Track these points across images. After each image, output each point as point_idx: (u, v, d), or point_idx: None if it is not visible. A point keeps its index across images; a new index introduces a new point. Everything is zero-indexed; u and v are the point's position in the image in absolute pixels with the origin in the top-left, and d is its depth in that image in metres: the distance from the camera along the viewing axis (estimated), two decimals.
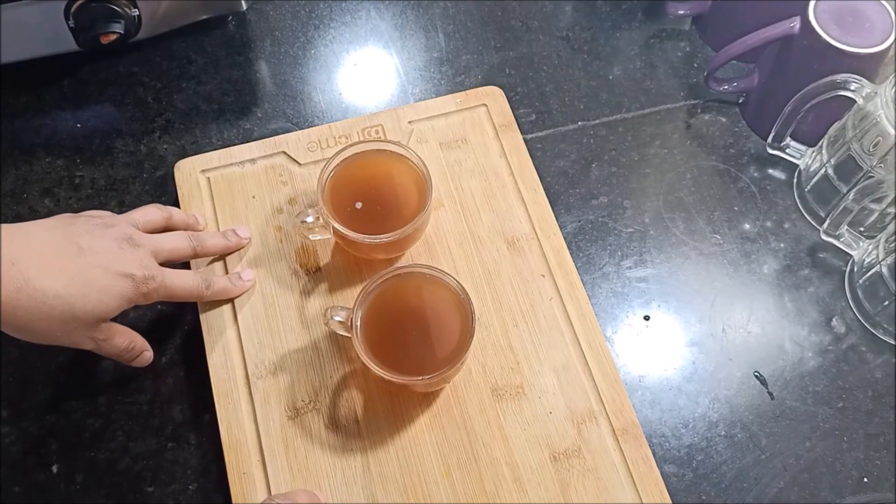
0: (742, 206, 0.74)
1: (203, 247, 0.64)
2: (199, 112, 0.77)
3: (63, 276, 0.53)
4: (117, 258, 0.56)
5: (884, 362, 0.67)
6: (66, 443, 0.61)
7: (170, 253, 0.61)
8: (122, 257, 0.56)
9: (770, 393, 0.66)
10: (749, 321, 0.69)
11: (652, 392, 0.65)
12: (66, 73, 0.78)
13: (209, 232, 0.67)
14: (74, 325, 0.54)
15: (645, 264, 0.71)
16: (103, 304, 0.55)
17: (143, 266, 0.57)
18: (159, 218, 0.64)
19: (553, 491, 0.59)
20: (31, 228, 0.55)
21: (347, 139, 0.73)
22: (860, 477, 0.63)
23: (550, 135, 0.77)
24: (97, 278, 0.54)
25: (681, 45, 0.83)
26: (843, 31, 0.68)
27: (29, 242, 0.53)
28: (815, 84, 0.67)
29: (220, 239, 0.66)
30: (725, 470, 0.63)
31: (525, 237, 0.69)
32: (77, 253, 0.54)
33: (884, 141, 0.65)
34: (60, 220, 0.58)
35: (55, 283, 0.52)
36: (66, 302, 0.53)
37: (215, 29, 0.82)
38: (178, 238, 0.63)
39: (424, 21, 0.84)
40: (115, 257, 0.56)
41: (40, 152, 0.74)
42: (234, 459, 0.59)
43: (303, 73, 0.80)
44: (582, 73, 0.81)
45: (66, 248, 0.54)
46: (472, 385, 0.63)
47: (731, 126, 0.78)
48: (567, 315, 0.66)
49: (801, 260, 0.72)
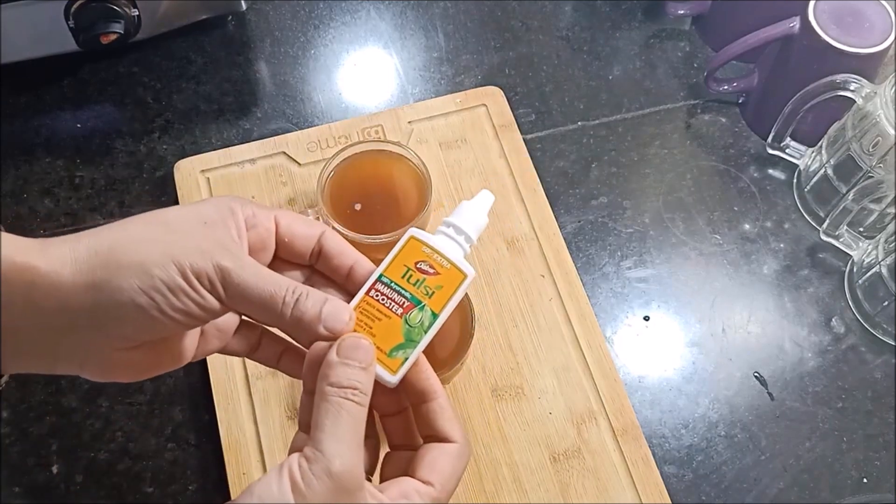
0: (742, 207, 0.74)
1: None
2: (199, 112, 0.77)
3: None
4: None
5: (883, 363, 0.67)
6: (66, 443, 0.61)
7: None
8: None
9: (770, 393, 0.66)
10: (749, 321, 0.69)
11: (652, 392, 0.65)
12: (66, 73, 0.78)
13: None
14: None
15: (645, 264, 0.71)
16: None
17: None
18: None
19: (553, 491, 0.59)
20: None
21: (347, 139, 0.73)
22: (860, 477, 0.63)
23: (550, 135, 0.77)
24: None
25: (681, 45, 0.83)
26: (843, 31, 0.68)
27: None
28: (814, 84, 0.67)
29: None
30: (725, 470, 0.63)
31: (525, 237, 0.69)
32: None
33: (883, 141, 0.65)
34: None
35: None
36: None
37: (215, 29, 0.82)
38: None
39: (424, 21, 0.84)
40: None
41: (40, 152, 0.74)
42: (234, 460, 0.59)
43: (303, 73, 0.80)
44: (582, 73, 0.81)
45: None
46: (472, 385, 0.63)
47: (730, 126, 0.78)
48: (567, 315, 0.66)
49: (801, 260, 0.72)
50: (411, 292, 0.41)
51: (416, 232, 0.42)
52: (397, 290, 0.41)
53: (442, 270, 0.41)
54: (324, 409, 0.37)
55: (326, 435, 0.36)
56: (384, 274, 0.41)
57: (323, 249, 0.43)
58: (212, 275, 0.37)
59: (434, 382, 0.41)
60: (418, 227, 0.64)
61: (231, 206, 0.40)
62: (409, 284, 0.41)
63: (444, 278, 0.41)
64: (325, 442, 0.36)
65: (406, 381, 0.41)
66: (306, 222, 0.43)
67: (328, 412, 0.37)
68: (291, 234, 0.42)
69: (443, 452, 0.40)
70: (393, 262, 0.42)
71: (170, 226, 0.38)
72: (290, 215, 0.43)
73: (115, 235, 0.38)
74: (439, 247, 0.42)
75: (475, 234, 0.44)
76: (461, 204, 0.45)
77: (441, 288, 0.41)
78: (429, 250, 0.42)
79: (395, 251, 0.42)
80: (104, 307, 0.36)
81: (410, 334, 0.40)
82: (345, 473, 0.36)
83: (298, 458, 0.36)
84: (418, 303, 0.41)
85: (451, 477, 0.40)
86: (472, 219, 0.44)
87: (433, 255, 0.42)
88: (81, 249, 0.37)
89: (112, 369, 0.40)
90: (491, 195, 0.46)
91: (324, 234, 0.43)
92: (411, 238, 0.42)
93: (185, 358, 0.42)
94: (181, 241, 0.37)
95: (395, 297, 0.41)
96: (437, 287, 0.41)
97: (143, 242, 0.37)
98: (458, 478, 0.41)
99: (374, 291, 0.41)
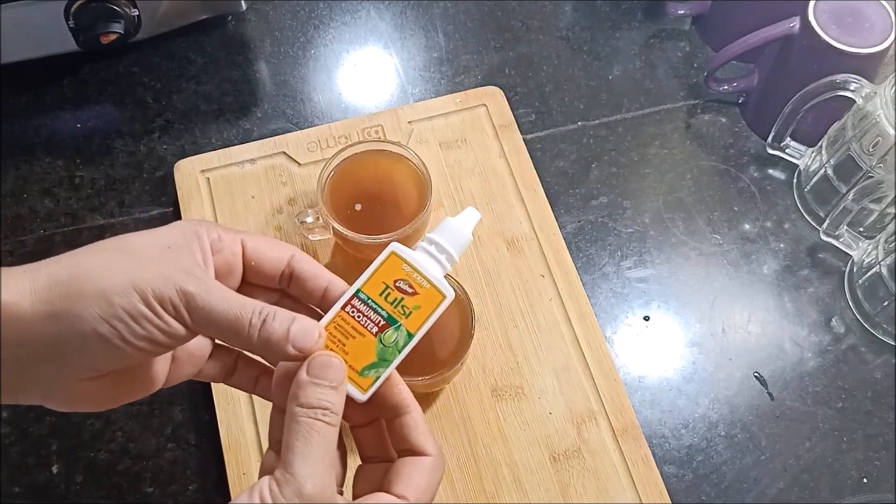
0: (742, 207, 0.74)
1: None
2: (199, 112, 0.77)
3: None
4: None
5: (883, 363, 0.67)
6: (66, 443, 0.61)
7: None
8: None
9: (770, 393, 0.66)
10: (749, 321, 0.68)
11: (652, 392, 0.65)
12: (66, 73, 0.78)
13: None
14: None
15: (645, 264, 0.71)
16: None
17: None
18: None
19: (553, 491, 0.59)
20: None
21: (347, 139, 0.73)
22: (860, 477, 0.63)
23: (550, 135, 0.77)
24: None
25: (681, 45, 0.83)
26: (843, 31, 0.68)
27: None
28: (814, 84, 0.67)
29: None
30: (725, 470, 0.63)
31: (525, 237, 0.69)
32: None
33: (883, 141, 0.65)
34: None
35: None
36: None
37: (215, 29, 0.82)
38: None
39: (424, 21, 0.84)
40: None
41: (40, 152, 0.74)
42: (234, 460, 0.59)
43: (303, 73, 0.80)
44: (582, 73, 0.81)
45: None
46: (472, 385, 0.63)
47: (730, 126, 0.78)
48: (567, 315, 0.66)
49: (801, 260, 0.72)
50: (388, 311, 0.40)
51: (397, 248, 0.42)
52: (374, 308, 0.40)
53: (421, 290, 0.41)
54: (294, 430, 0.36)
55: (297, 457, 0.35)
56: (361, 290, 0.40)
57: (294, 272, 0.42)
58: (175, 300, 0.36)
59: (407, 396, 0.41)
60: (418, 228, 0.64)
61: (196, 230, 0.40)
62: (386, 303, 0.40)
63: (422, 298, 0.41)
64: (295, 464, 0.35)
65: (379, 396, 0.40)
66: (274, 245, 0.42)
67: (298, 433, 0.36)
68: (259, 258, 0.41)
69: (417, 466, 0.40)
70: (371, 278, 0.41)
71: (131, 252, 0.37)
72: (257, 238, 0.42)
73: (74, 263, 0.37)
74: (420, 265, 0.41)
75: (457, 252, 0.43)
76: (445, 220, 0.44)
77: (419, 308, 0.40)
78: (409, 268, 0.41)
79: (374, 266, 0.41)
80: (65, 337, 0.35)
81: (384, 354, 0.39)
82: (316, 496, 0.35)
83: (269, 482, 0.35)
84: (394, 322, 0.40)
85: (426, 490, 0.39)
86: (455, 237, 0.43)
87: (413, 274, 0.41)
88: (41, 279, 0.36)
89: (77, 400, 0.39)
90: (477, 213, 0.44)
91: (293, 256, 0.42)
92: (392, 254, 0.41)
93: (155, 385, 0.41)
94: (143, 268, 0.36)
95: (370, 314, 0.40)
96: (415, 307, 0.40)
97: (103, 270, 0.36)
98: (434, 491, 0.40)
99: (350, 307, 0.40)
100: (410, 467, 0.39)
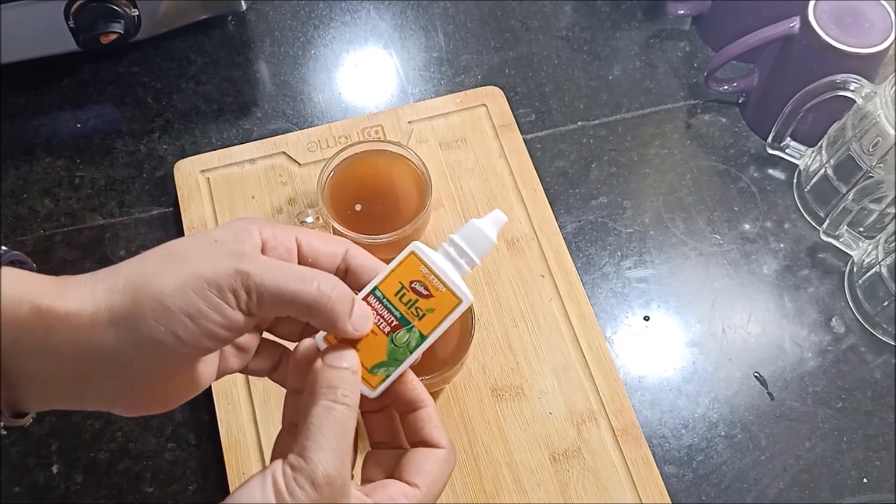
0: (742, 207, 0.74)
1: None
2: (199, 112, 0.77)
3: None
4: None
5: (883, 363, 0.67)
6: (66, 443, 0.61)
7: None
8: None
9: (770, 393, 0.66)
10: (749, 321, 0.69)
11: (652, 392, 0.65)
12: (66, 73, 0.78)
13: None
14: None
15: (645, 264, 0.71)
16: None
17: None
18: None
19: (553, 491, 0.59)
20: None
21: (347, 139, 0.73)
22: (860, 477, 0.63)
23: (550, 135, 0.77)
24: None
25: (681, 45, 0.83)
26: (843, 31, 0.68)
27: None
28: (814, 84, 0.67)
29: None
30: (725, 470, 0.63)
31: (525, 237, 0.69)
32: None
33: (883, 141, 0.65)
34: None
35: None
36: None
37: (215, 29, 0.82)
38: None
39: (424, 21, 0.84)
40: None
41: (40, 152, 0.74)
42: (234, 460, 0.59)
43: (303, 73, 0.80)
44: (582, 73, 0.81)
45: None
46: (472, 385, 0.63)
47: (730, 126, 0.78)
48: (567, 315, 0.66)
49: (801, 260, 0.72)
50: (401, 312, 0.40)
51: (418, 247, 0.41)
52: (388, 308, 0.40)
53: (436, 293, 0.40)
54: (312, 414, 0.36)
55: (312, 442, 0.35)
56: (378, 287, 0.40)
57: (350, 266, 0.41)
58: (233, 283, 0.36)
59: (421, 391, 0.41)
60: (418, 228, 0.64)
61: (247, 226, 0.39)
62: (400, 303, 0.40)
63: (437, 301, 0.40)
64: (311, 449, 0.35)
65: (393, 392, 0.40)
66: (328, 240, 0.41)
67: (316, 416, 0.36)
68: (315, 254, 0.41)
69: (429, 457, 0.40)
70: (389, 277, 0.41)
71: (179, 254, 0.37)
72: (310, 234, 0.41)
73: (128, 271, 0.37)
74: (438, 267, 0.41)
75: (479, 256, 0.42)
76: (470, 222, 0.43)
77: (432, 311, 0.40)
78: (426, 270, 0.41)
79: (392, 265, 0.41)
80: (125, 346, 0.36)
81: (395, 353, 0.40)
82: (330, 483, 0.35)
83: (283, 466, 0.35)
84: (407, 323, 0.40)
85: (437, 481, 0.40)
86: (478, 239, 0.42)
87: (429, 277, 0.41)
88: (99, 290, 0.36)
89: (142, 404, 0.39)
90: (503, 215, 0.43)
91: (348, 251, 0.41)
92: (411, 254, 0.41)
93: (209, 380, 0.41)
94: (192, 265, 0.36)
95: (384, 313, 0.40)
96: (429, 310, 0.40)
97: (155, 274, 0.36)
98: (444, 482, 0.40)
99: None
100: (423, 457, 0.40)
